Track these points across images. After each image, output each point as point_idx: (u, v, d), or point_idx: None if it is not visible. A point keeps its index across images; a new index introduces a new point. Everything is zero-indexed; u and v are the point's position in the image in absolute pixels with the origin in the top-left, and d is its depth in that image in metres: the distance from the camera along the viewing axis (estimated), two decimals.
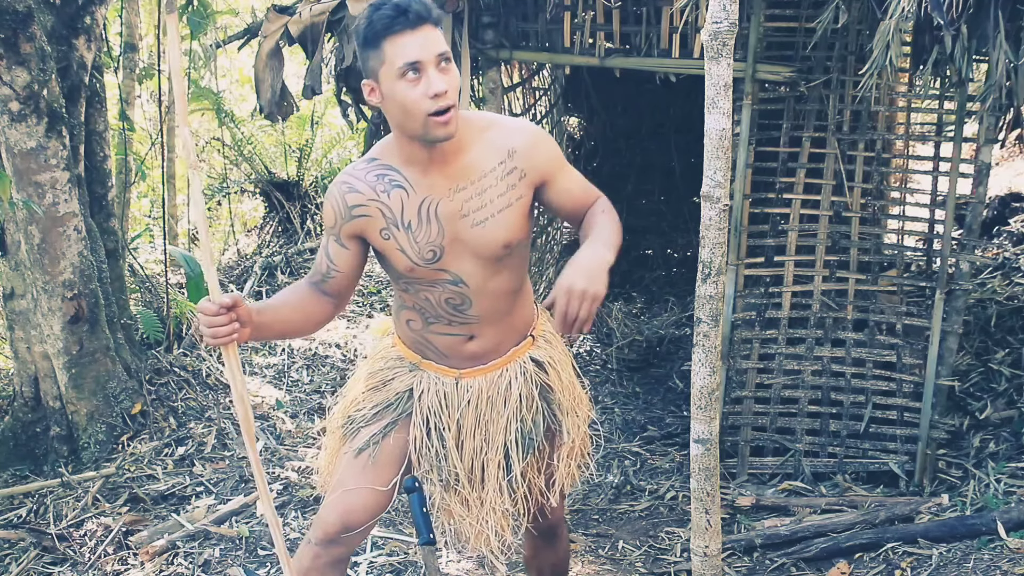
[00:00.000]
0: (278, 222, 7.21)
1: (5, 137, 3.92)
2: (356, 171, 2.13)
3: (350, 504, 2.24)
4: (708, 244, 2.23)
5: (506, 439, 2.27)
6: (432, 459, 2.27)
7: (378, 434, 2.29)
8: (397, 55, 1.91)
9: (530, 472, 2.32)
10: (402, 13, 1.90)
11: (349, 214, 2.10)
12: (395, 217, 2.08)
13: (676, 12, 3.69)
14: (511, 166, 2.08)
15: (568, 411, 2.34)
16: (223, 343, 1.92)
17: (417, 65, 1.91)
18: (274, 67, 4.22)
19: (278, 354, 5.47)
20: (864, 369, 3.89)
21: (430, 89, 1.91)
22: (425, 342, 2.25)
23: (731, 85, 2.16)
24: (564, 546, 2.63)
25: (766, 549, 3.42)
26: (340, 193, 2.11)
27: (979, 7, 3.10)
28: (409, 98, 1.93)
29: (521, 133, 2.12)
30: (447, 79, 1.93)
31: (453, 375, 2.26)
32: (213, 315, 1.89)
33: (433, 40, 1.93)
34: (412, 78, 1.92)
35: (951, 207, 3.68)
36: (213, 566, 3.44)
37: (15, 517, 3.81)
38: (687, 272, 6.51)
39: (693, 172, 6.22)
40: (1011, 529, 3.16)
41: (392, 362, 2.35)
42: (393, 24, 1.90)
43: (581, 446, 2.41)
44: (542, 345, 2.33)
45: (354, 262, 2.17)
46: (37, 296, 4.10)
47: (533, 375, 2.29)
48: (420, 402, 2.27)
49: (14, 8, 3.81)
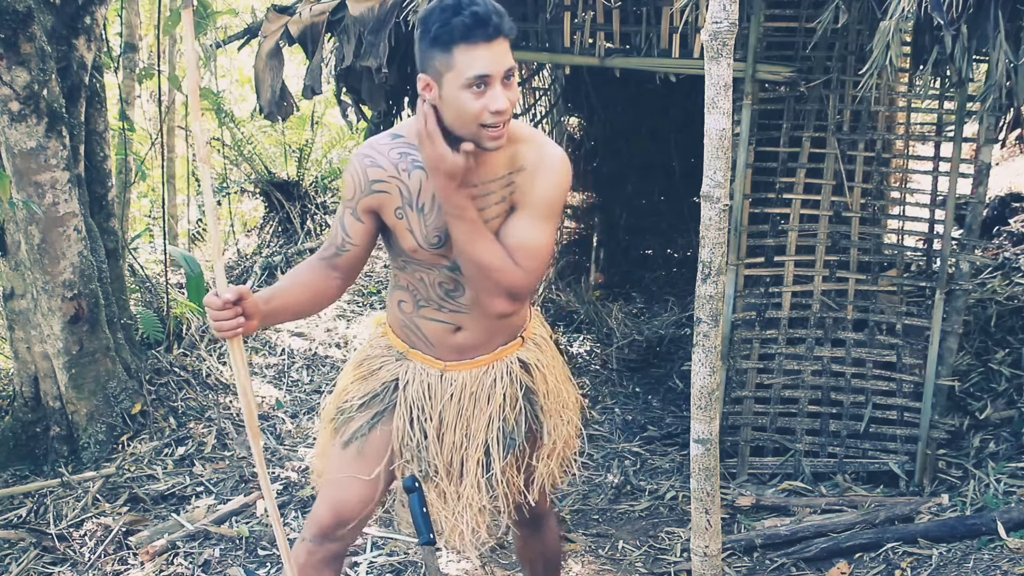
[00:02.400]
0: (278, 222, 7.21)
1: (5, 137, 3.92)
2: (380, 146, 2.12)
3: (342, 497, 2.25)
4: (708, 244, 2.23)
5: (487, 436, 2.27)
6: (413, 449, 2.28)
7: (365, 425, 2.29)
8: (468, 66, 1.89)
9: (509, 471, 2.32)
10: (482, 24, 1.87)
11: (369, 188, 2.10)
12: (411, 197, 2.08)
13: (676, 12, 3.69)
14: (512, 180, 2.08)
15: (552, 414, 2.34)
16: (228, 336, 1.93)
17: (486, 79, 1.90)
18: (274, 67, 4.22)
19: (278, 354, 5.47)
20: (864, 369, 3.89)
21: (493, 104, 1.90)
22: (414, 327, 2.25)
23: (731, 85, 2.16)
24: (553, 536, 2.63)
25: (766, 549, 3.42)
26: (362, 166, 2.10)
27: (979, 7, 3.10)
28: (471, 109, 1.92)
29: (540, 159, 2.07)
30: (510, 95, 1.93)
31: (439, 367, 2.27)
32: (218, 309, 1.91)
33: (504, 55, 1.91)
34: (478, 91, 1.91)
35: (951, 207, 3.68)
36: (213, 566, 3.44)
37: (15, 517, 3.81)
38: (687, 272, 6.51)
39: (693, 172, 6.22)
40: (1011, 529, 3.16)
41: (381, 350, 2.36)
42: (471, 34, 1.87)
43: (565, 449, 2.42)
44: (531, 347, 2.34)
45: (368, 237, 2.17)
46: (37, 296, 4.11)
47: (519, 376, 2.30)
48: (405, 392, 2.28)
49: (14, 8, 3.81)
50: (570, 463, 2.46)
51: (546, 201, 2.09)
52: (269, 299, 2.05)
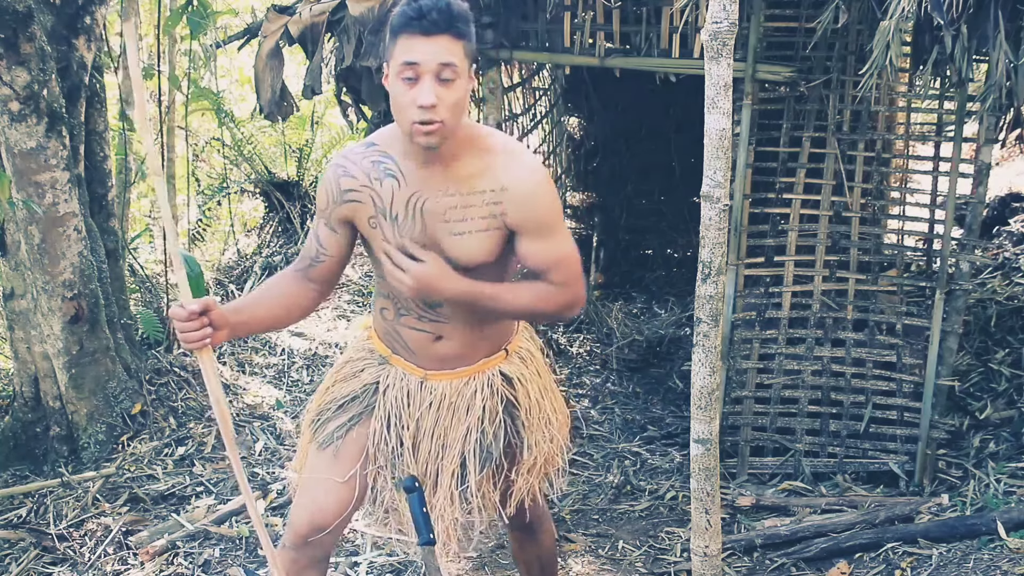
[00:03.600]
0: (278, 222, 7.20)
1: (5, 137, 3.92)
2: (353, 155, 2.11)
3: (318, 502, 2.23)
4: (708, 244, 2.23)
5: (464, 448, 2.25)
6: (387, 455, 2.26)
7: (342, 427, 2.28)
8: (401, 52, 1.90)
9: (485, 485, 2.29)
10: (421, 16, 1.87)
11: (342, 198, 2.09)
12: (384, 206, 2.07)
13: (676, 12, 3.69)
14: (497, 199, 2.04)
15: (534, 429, 2.31)
16: (195, 347, 1.94)
17: (414, 68, 1.88)
18: (274, 67, 4.22)
19: (278, 354, 5.47)
20: (864, 369, 3.89)
21: (419, 98, 1.88)
22: (395, 334, 2.24)
23: (731, 85, 2.16)
24: (548, 539, 2.62)
25: (766, 549, 3.42)
26: (335, 176, 2.10)
27: (979, 7, 3.10)
28: (400, 100, 1.92)
29: (524, 180, 2.04)
30: (444, 94, 1.89)
31: (419, 375, 2.25)
32: (184, 320, 1.91)
33: (442, 50, 1.88)
34: (408, 81, 1.90)
35: (951, 207, 3.68)
36: (213, 566, 3.44)
37: (15, 517, 3.81)
38: (687, 272, 6.51)
39: (693, 172, 6.21)
40: (1011, 529, 3.16)
41: (364, 353, 2.35)
42: (409, 24, 1.89)
43: (546, 465, 2.39)
44: (515, 361, 2.31)
45: (342, 248, 2.16)
46: (37, 296, 4.10)
47: (500, 389, 2.27)
48: (384, 396, 2.27)
49: (14, 8, 3.81)
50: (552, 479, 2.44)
51: (550, 215, 2.09)
52: (238, 310, 2.05)
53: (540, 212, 2.06)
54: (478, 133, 2.08)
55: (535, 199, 2.05)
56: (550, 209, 2.08)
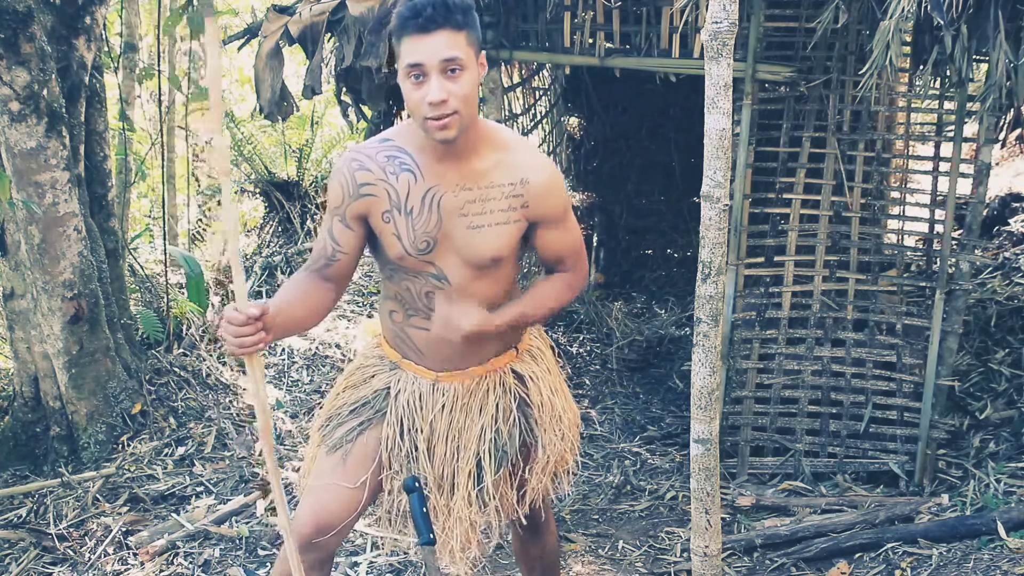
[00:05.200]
0: (278, 222, 7.21)
1: (5, 137, 3.92)
2: (367, 149, 2.11)
3: (323, 505, 2.21)
4: (708, 244, 2.23)
5: (479, 449, 2.24)
6: (402, 459, 2.25)
7: (352, 431, 2.26)
8: (406, 54, 1.93)
9: (502, 485, 2.29)
10: (416, 15, 1.90)
11: (357, 192, 2.08)
12: (399, 201, 2.07)
13: (676, 12, 3.69)
14: (519, 192, 2.09)
15: (547, 427, 2.31)
16: (248, 353, 1.83)
17: (420, 69, 1.91)
18: (274, 67, 4.22)
19: (278, 354, 5.47)
20: (864, 369, 3.89)
21: (429, 96, 1.91)
22: (405, 336, 2.24)
23: (731, 85, 2.16)
24: (551, 540, 2.62)
25: (766, 549, 3.42)
26: (350, 170, 2.08)
27: (979, 7, 3.10)
28: (411, 99, 1.95)
29: (541, 172, 2.12)
30: (453, 87, 1.92)
31: (431, 377, 2.25)
32: (241, 325, 1.80)
33: (443, 46, 1.90)
34: (416, 81, 1.93)
35: (951, 207, 3.68)
36: (213, 566, 3.44)
37: (15, 517, 3.81)
38: (687, 272, 6.52)
39: (693, 172, 6.22)
40: (1011, 529, 3.16)
41: (374, 360, 2.34)
42: (406, 24, 1.92)
43: (560, 462, 2.39)
44: (527, 359, 2.31)
45: (358, 244, 2.14)
46: (37, 296, 4.10)
47: (513, 387, 2.27)
48: (396, 401, 2.26)
49: (14, 8, 3.81)
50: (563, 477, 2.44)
51: (563, 207, 2.19)
52: (276, 314, 1.95)
53: (558, 202, 2.16)
54: (489, 128, 2.11)
55: (553, 190, 2.14)
56: (565, 198, 2.20)
